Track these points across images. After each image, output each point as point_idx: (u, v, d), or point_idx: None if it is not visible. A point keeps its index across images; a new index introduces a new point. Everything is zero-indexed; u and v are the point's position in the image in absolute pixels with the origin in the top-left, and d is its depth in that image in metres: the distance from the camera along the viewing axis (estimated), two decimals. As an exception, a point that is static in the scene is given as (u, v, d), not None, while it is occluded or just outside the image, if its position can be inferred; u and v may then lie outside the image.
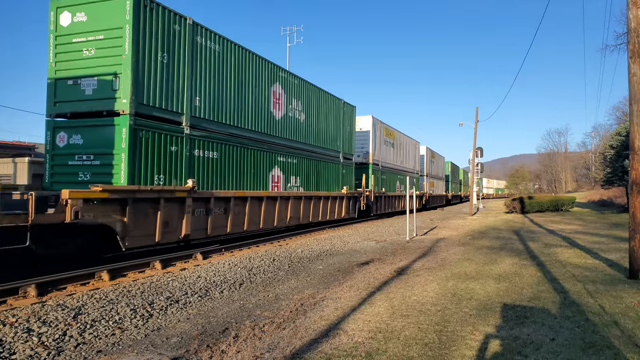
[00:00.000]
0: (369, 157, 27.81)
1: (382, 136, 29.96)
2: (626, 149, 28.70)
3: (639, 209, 8.88)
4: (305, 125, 19.56)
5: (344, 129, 23.81)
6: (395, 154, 33.55)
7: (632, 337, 5.56)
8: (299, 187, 18.85)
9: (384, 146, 30.38)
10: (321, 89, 21.17)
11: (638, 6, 9.02)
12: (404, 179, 34.25)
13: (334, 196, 21.98)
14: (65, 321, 6.48)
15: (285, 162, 17.83)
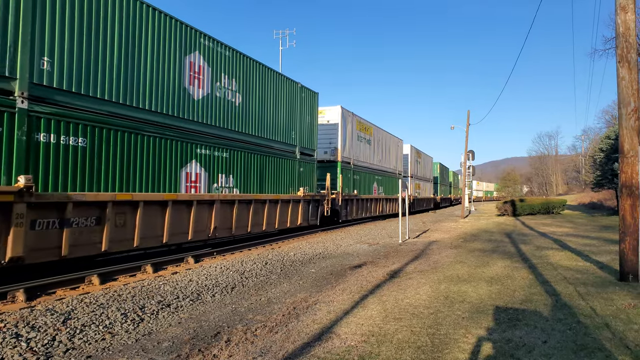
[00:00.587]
0: (337, 153, 24.13)
1: (354, 130, 26.42)
2: (615, 152, 28.94)
3: (629, 212, 8.94)
4: (242, 110, 15.28)
5: (302, 119, 19.73)
6: (372, 151, 29.79)
7: (623, 339, 5.58)
8: (233, 189, 14.63)
9: (357, 142, 26.82)
10: (269, 68, 17.11)
11: (626, 11, 9.10)
12: (386, 180, 32.35)
13: (285, 200, 17.74)
14: (54, 326, 6.41)
15: (210, 155, 13.47)
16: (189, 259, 12.24)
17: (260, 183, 16.36)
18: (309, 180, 20.23)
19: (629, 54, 9.08)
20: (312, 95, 20.94)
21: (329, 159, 24.13)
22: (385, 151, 32.87)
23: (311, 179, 20.45)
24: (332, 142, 24.34)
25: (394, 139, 35.62)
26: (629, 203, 8.95)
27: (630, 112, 8.99)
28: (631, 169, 8.95)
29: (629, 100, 9.03)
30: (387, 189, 32.83)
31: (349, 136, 25.58)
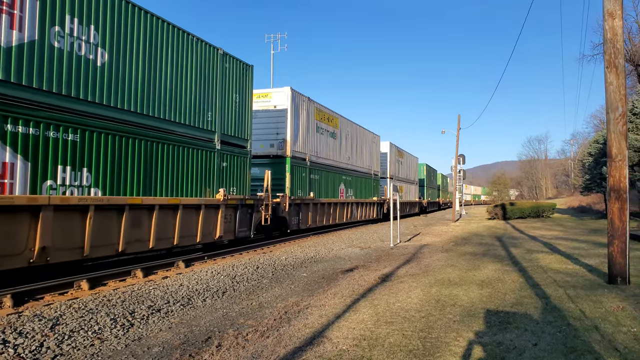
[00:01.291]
0: (285, 147, 19.50)
1: (312, 120, 22.07)
2: (604, 156, 29.24)
3: (617, 215, 9.02)
4: (110, 74, 10.60)
5: (225, 97, 14.81)
6: (338, 147, 25.54)
7: (612, 342, 5.62)
8: (92, 189, 10.00)
9: (315, 135, 22.35)
10: (165, 21, 12.30)
11: (614, 17, 9.21)
12: (358, 181, 28.52)
13: (190, 205, 12.85)
14: (42, 332, 6.34)
15: (37, 136, 8.82)
16: (180, 263, 12.17)
17: (145, 182, 11.44)
18: (238, 179, 15.27)
19: (617, 60, 9.18)
20: (244, 68, 15.88)
21: (277, 154, 19.79)
22: (356, 148, 28.52)
23: (242, 177, 15.51)
24: (280, 133, 19.77)
25: (368, 134, 31.20)
26: (617, 206, 9.03)
27: (618, 116, 9.08)
28: (619, 172, 9.03)
29: (616, 105, 9.12)
30: (359, 192, 28.85)
31: (303, 126, 21.07)
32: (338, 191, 25.31)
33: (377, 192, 32.79)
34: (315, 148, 22.45)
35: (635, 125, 25.83)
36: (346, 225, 28.22)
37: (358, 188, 28.86)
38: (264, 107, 20.19)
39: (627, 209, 9.02)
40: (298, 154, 20.51)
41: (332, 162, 24.61)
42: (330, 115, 24.81)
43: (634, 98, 27.69)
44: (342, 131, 26.27)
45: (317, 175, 22.40)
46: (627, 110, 9.27)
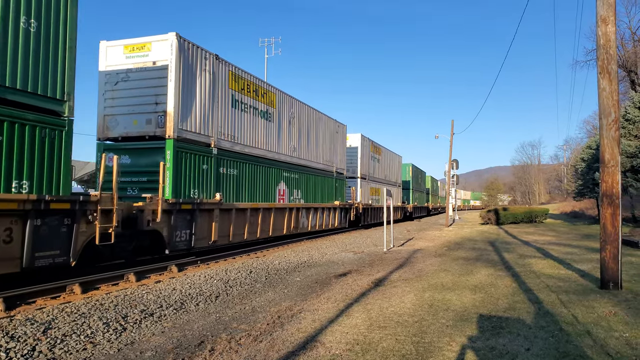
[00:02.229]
0: (166, 122, 13.18)
1: (224, 89, 15.47)
2: (597, 162, 29.43)
3: (610, 221, 9.07)
4: None
5: None
6: (275, 132, 19.03)
7: (604, 347, 5.65)
8: None
9: (232, 111, 15.93)
10: None
11: (607, 23, 9.29)
12: (310, 180, 22.57)
13: None
14: (34, 336, 6.30)
15: None
16: (173, 267, 12.13)
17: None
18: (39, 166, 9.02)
19: (610, 65, 9.26)
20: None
21: (155, 134, 13.40)
22: (308, 137, 22.40)
23: (49, 165, 9.24)
24: (161, 103, 13.40)
25: (329, 122, 25.38)
26: (610, 212, 9.08)
27: (611, 122, 9.15)
28: (612, 178, 9.09)
29: (609, 110, 9.19)
30: (312, 194, 22.74)
31: (204, 95, 14.43)
32: (275, 193, 18.90)
33: (341, 194, 26.61)
34: (230, 130, 15.83)
35: (628, 131, 26.02)
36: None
37: (311, 189, 22.60)
38: (139, 64, 13.81)
39: (620, 214, 9.07)
40: (193, 135, 13.88)
41: (264, 152, 18.02)
42: (261, 87, 18.01)
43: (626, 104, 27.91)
44: (282, 112, 19.81)
45: (234, 169, 15.88)
46: (619, 116, 9.35)
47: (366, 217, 31.52)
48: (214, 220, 14.43)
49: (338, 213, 26.21)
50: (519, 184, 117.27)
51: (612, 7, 9.31)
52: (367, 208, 31.37)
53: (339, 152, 27.14)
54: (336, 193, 26.11)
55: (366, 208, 31.16)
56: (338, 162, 26.74)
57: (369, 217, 32.38)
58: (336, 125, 26.75)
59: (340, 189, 26.74)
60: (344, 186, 27.46)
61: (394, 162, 40.66)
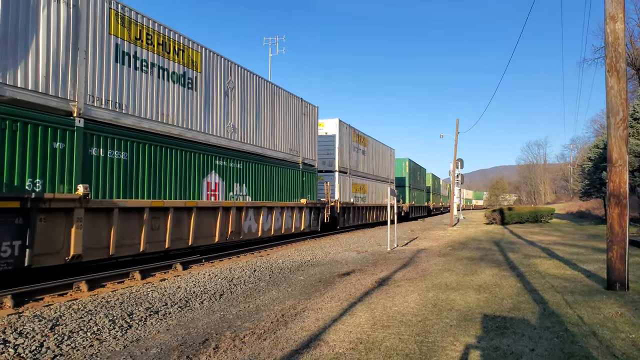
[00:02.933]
0: None
1: (104, 35, 10.93)
2: (604, 161, 29.30)
3: (617, 221, 9.03)
4: None
5: None
6: (197, 103, 14.13)
7: (610, 348, 5.63)
8: None
9: (115, 68, 11.23)
10: None
11: (615, 21, 9.23)
12: (261, 171, 17.42)
13: None
14: (42, 332, 6.35)
15: None
16: (177, 265, 12.17)
17: None
18: None
19: (618, 63, 9.20)
20: None
21: None
22: (257, 115, 17.29)
23: None
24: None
25: (291, 101, 20.18)
26: (617, 212, 9.04)
27: (619, 121, 9.10)
28: (619, 178, 9.05)
29: (617, 109, 9.14)
30: (264, 190, 17.68)
31: (57, 30, 9.74)
32: (201, 187, 13.96)
33: (310, 190, 21.79)
34: (113, 95, 11.16)
35: (636, 130, 25.87)
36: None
37: (263, 183, 17.62)
38: None
39: (627, 214, 9.02)
40: (31, 95, 9.08)
41: (179, 130, 13.21)
42: (174, 41, 13.12)
43: (634, 102, 27.75)
44: (213, 80, 14.84)
45: (122, 152, 11.24)
46: (628, 114, 9.30)
47: (346, 218, 26.86)
48: (75, 224, 9.71)
49: (306, 214, 21.28)
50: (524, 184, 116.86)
51: (621, 4, 9.25)
52: (347, 207, 26.68)
53: (308, 139, 21.73)
54: (303, 189, 21.06)
55: (346, 207, 26.48)
56: (306, 152, 21.55)
57: (351, 217, 27.68)
58: (303, 105, 21.25)
59: (309, 184, 21.66)
60: (314, 181, 22.29)
61: (384, 156, 35.76)
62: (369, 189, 31.34)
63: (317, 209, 22.70)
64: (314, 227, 22.49)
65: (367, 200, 30.64)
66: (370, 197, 31.51)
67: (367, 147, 31.38)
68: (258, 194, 17.24)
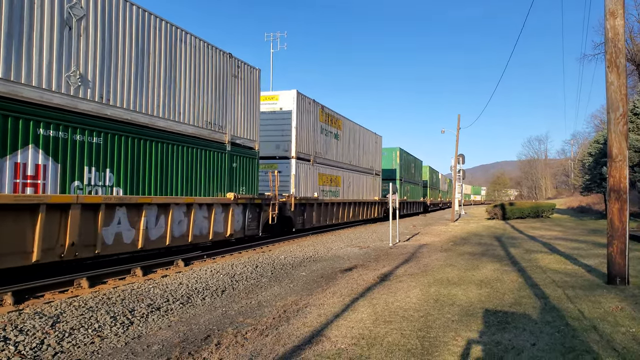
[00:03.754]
0: None
1: None
2: (604, 157, 29.26)
3: (617, 216, 9.03)
4: None
5: None
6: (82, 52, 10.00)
7: (610, 342, 5.64)
8: None
9: None
10: None
11: (615, 17, 9.21)
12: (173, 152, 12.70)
13: None
14: (43, 329, 6.36)
15: None
16: (179, 262, 12.19)
17: None
18: None
19: (618, 59, 9.18)
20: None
21: None
22: (138, 65, 11.78)
23: None
24: None
25: (214, 54, 14.64)
26: (617, 207, 9.04)
27: (619, 116, 9.09)
28: (619, 173, 9.04)
29: (617, 105, 9.13)
30: (152, 178, 12.13)
31: None
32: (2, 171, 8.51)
33: (247, 182, 16.30)
34: None
35: (636, 126, 25.85)
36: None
37: (150, 168, 11.99)
38: None
39: (627, 209, 9.03)
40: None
41: None
42: None
43: (634, 98, 27.72)
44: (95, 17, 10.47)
45: None
46: (628, 110, 9.28)
47: (307, 217, 21.18)
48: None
49: (235, 214, 15.43)
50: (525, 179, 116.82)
51: (621, 0, 9.23)
52: (308, 204, 21.23)
53: (242, 111, 16.07)
54: (234, 179, 15.47)
55: (307, 204, 21.05)
56: (239, 128, 15.87)
57: (314, 217, 22.02)
58: (233, 64, 15.64)
59: (244, 173, 16.06)
60: (253, 169, 16.67)
61: (367, 143, 30.65)
62: (345, 182, 26.34)
63: (257, 207, 16.73)
64: (252, 232, 16.49)
65: (342, 195, 25.73)
66: (346, 192, 26.70)
67: (341, 130, 26.14)
68: (140, 185, 11.67)
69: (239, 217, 15.78)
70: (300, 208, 20.55)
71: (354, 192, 28.10)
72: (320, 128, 23.33)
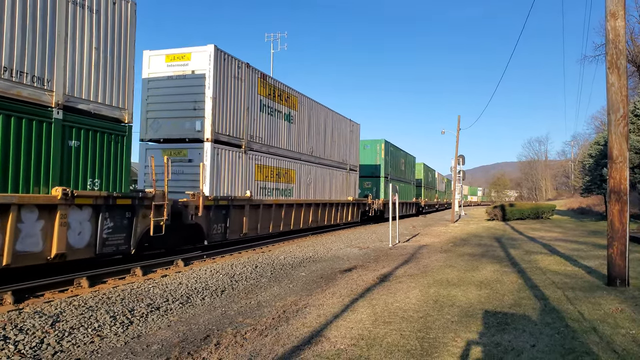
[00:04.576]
0: None
1: None
2: (604, 158, 29.24)
3: (617, 217, 9.02)
4: None
5: None
6: None
7: (610, 343, 5.63)
8: None
9: None
10: None
11: (616, 18, 9.21)
12: None
13: None
14: (42, 329, 6.35)
15: None
16: (179, 262, 12.18)
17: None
18: None
19: (619, 60, 9.18)
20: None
21: None
22: None
23: None
24: None
25: None
26: (617, 208, 9.04)
27: (620, 118, 9.09)
28: (620, 174, 9.04)
29: (618, 106, 9.12)
30: None
31: None
32: None
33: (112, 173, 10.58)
34: None
35: (637, 127, 25.84)
36: None
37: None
38: None
39: (627, 211, 9.03)
40: None
41: None
42: None
43: (635, 99, 27.72)
44: None
45: None
46: (628, 111, 9.29)
47: (231, 224, 15.34)
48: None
49: (67, 221, 9.34)
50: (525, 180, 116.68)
51: (622, 1, 9.22)
52: (231, 207, 15.27)
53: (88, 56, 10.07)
54: (69, 166, 9.67)
55: (225, 207, 15.07)
56: (83, 86, 10.00)
57: (243, 224, 16.07)
58: None
59: (99, 158, 10.29)
60: (121, 152, 10.83)
61: (339, 131, 25.63)
62: (301, 178, 20.83)
63: (126, 211, 10.98)
64: (112, 248, 10.61)
65: (296, 195, 20.25)
66: (305, 190, 21.12)
67: (296, 110, 20.40)
68: None
69: (83, 226, 9.82)
70: (220, 212, 14.86)
71: (318, 191, 22.71)
72: (260, 104, 17.50)
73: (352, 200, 26.92)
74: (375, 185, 32.14)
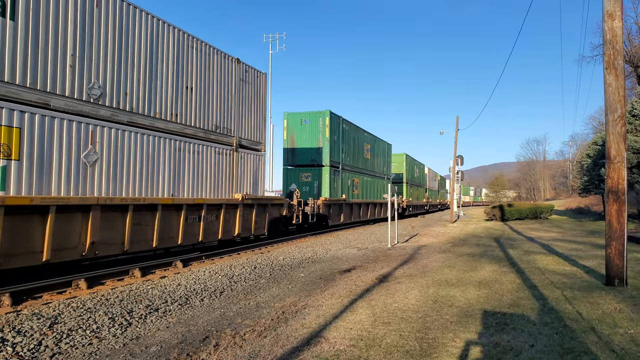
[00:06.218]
0: None
1: None
2: (602, 158, 29.29)
3: (615, 217, 9.04)
4: None
5: None
6: None
7: (608, 343, 5.64)
8: None
9: None
10: None
11: (613, 18, 9.23)
12: None
13: None
14: (40, 330, 6.34)
15: None
16: (178, 263, 12.17)
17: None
18: None
19: (616, 61, 9.20)
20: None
21: None
22: None
23: None
24: None
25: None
26: (615, 208, 9.05)
27: (617, 118, 9.10)
28: (617, 174, 9.05)
29: (615, 106, 9.14)
30: None
31: None
32: None
33: None
34: None
35: (635, 127, 25.87)
36: None
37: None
38: None
39: (626, 210, 9.03)
40: None
41: None
42: None
43: (633, 99, 27.74)
44: None
45: None
46: (626, 111, 9.29)
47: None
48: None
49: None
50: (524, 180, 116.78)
51: (619, 1, 9.24)
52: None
53: None
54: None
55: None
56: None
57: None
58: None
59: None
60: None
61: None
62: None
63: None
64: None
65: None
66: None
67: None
68: None
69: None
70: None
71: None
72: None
73: (239, 200, 15.58)
74: (317, 178, 23.73)
